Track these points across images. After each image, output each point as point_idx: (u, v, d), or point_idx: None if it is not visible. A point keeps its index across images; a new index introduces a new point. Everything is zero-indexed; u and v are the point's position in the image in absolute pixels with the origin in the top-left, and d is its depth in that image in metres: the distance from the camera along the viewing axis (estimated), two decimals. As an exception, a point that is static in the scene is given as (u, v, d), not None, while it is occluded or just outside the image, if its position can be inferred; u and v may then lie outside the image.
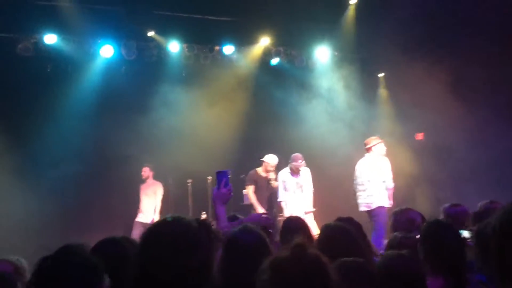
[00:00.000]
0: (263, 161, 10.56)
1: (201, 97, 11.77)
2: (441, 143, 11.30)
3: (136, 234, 10.21)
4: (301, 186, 10.37)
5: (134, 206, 11.36)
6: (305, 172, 10.54)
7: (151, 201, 11.22)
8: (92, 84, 11.21)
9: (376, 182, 9.43)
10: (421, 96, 11.13)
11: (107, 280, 2.20)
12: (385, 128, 11.82)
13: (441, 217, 4.90)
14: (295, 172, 10.29)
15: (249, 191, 10.54)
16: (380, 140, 9.51)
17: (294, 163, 10.21)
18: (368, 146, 9.58)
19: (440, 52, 10.95)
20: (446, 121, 11.20)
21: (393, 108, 12.37)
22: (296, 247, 1.96)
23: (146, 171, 11.39)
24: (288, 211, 9.99)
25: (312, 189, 10.57)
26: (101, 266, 2.18)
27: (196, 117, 11.67)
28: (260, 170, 10.63)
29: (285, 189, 10.27)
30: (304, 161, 10.29)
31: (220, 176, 3.39)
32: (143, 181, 11.39)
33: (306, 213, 10.04)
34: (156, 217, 10.92)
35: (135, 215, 11.39)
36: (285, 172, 10.40)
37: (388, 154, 10.25)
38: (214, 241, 2.26)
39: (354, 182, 9.60)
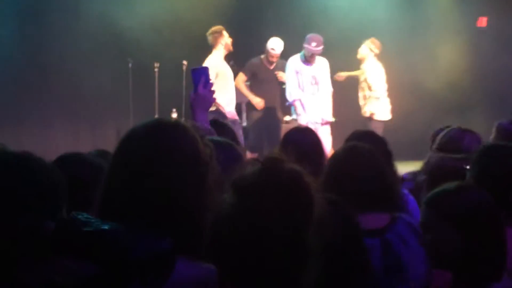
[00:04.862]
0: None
1: None
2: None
3: None
4: (317, 83, 8.15)
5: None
6: (323, 64, 8.17)
7: None
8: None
9: None
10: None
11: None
12: (433, 11, 9.97)
13: (492, 138, 4.28)
14: (309, 60, 8.00)
15: (238, 79, 8.51)
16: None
17: (307, 46, 7.85)
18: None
19: None
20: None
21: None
22: (267, 163, 1.54)
23: None
24: (305, 116, 7.98)
25: (331, 89, 8.35)
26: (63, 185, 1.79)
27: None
28: (265, 59, 8.59)
29: (299, 84, 8.06)
30: (322, 47, 7.93)
31: (197, 74, 2.83)
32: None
33: (323, 123, 8.05)
34: None
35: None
36: (297, 59, 8.06)
37: (436, 48, 9.62)
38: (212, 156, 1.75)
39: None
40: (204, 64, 7.81)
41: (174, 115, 9.02)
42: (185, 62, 8.98)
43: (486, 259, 2.16)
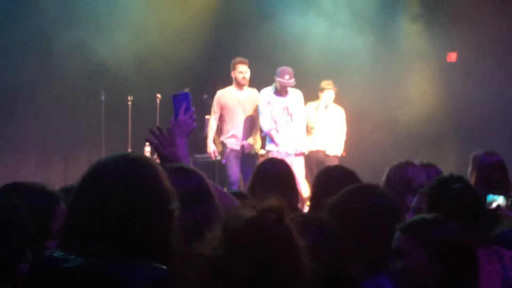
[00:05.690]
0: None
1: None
2: (481, 68, 9.48)
3: None
4: (290, 114, 8.11)
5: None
6: (296, 96, 8.19)
7: None
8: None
9: None
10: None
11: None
12: (406, 45, 10.13)
13: (470, 169, 4.36)
14: (281, 93, 8.05)
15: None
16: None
17: (280, 79, 7.90)
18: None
19: None
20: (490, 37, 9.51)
21: (420, 18, 10.21)
22: (262, 214, 1.55)
23: None
24: (283, 145, 7.96)
25: (304, 122, 8.35)
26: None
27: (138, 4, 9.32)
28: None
29: (271, 114, 8.06)
30: (294, 79, 7.96)
31: (178, 100, 2.80)
32: None
33: (297, 154, 8.02)
34: None
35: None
36: (269, 91, 8.08)
37: (408, 81, 9.80)
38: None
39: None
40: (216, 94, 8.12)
41: (148, 149, 8.84)
42: (159, 96, 8.96)
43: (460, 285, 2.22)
